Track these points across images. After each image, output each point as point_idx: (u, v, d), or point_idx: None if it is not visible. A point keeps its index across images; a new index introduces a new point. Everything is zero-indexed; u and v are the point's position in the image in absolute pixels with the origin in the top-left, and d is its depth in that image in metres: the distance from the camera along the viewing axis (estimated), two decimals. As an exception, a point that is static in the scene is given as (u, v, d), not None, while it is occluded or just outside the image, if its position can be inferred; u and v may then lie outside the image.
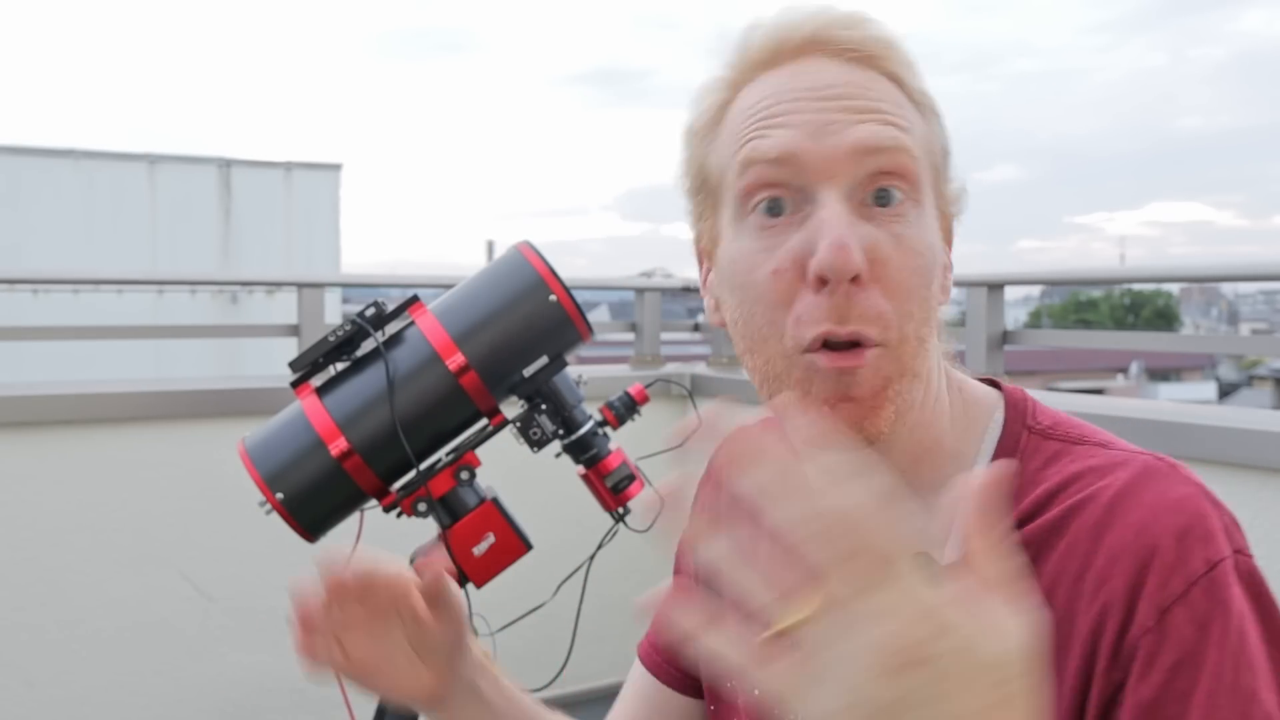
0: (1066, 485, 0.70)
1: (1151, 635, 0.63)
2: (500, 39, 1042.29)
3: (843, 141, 0.69)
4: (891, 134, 0.70)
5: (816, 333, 0.69)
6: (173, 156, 13.22)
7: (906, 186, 0.70)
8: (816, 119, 0.70)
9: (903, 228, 0.70)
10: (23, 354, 7.62)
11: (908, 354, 0.70)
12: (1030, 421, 0.76)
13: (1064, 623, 0.66)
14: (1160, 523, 0.65)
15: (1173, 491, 0.67)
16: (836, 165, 0.69)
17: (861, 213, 0.69)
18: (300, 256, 13.03)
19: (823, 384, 0.70)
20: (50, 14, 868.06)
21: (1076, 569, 0.67)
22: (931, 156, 0.74)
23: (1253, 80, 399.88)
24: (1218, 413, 1.90)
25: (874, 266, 0.68)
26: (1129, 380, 27.02)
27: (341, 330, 1.61)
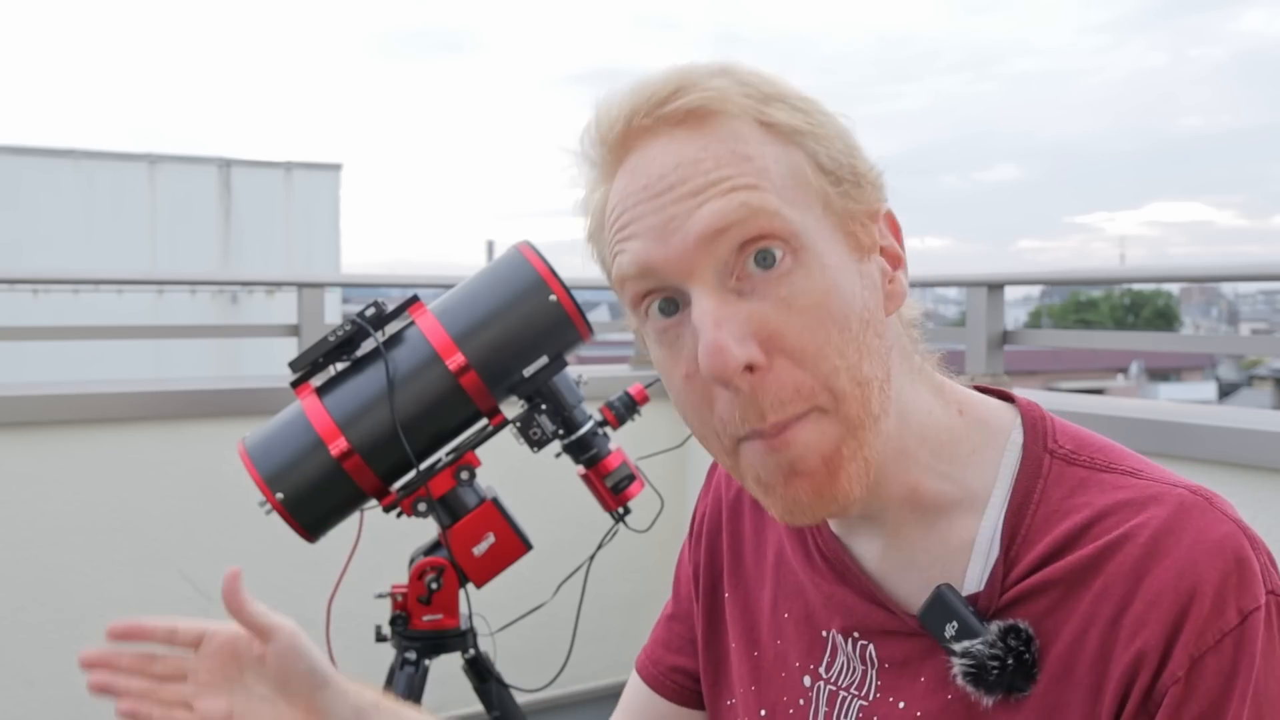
0: (1099, 519, 0.68)
1: (1180, 685, 0.63)
2: (500, 39, 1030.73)
3: (688, 236, 0.65)
4: (737, 203, 0.65)
5: (741, 434, 0.67)
6: (173, 156, 13.22)
7: (779, 241, 0.65)
8: (658, 220, 0.66)
9: (789, 287, 0.65)
10: (23, 354, 7.62)
11: (850, 407, 0.66)
12: (1051, 444, 0.73)
13: (1098, 663, 0.66)
14: (1200, 567, 0.64)
15: (1213, 531, 0.65)
16: (689, 260, 0.66)
17: (743, 288, 0.66)
18: (300, 256, 13.03)
19: (766, 468, 0.68)
20: (50, 14, 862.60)
21: (1112, 612, 0.66)
22: (804, 184, 0.67)
23: (1253, 80, 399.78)
24: (1218, 413, 1.90)
25: (769, 343, 0.65)
26: (1129, 380, 27.02)
27: (341, 330, 1.61)
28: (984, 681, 0.68)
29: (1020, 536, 0.70)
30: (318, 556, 1.76)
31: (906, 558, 0.74)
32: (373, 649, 1.79)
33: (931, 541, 0.73)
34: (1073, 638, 0.67)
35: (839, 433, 0.66)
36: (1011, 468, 0.72)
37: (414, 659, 1.72)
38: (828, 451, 0.66)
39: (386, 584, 1.74)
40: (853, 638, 0.77)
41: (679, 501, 2.90)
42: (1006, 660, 0.67)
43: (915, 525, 0.73)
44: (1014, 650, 0.67)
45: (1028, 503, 0.70)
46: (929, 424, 0.72)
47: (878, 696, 0.75)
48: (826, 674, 0.79)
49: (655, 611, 1.00)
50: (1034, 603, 0.68)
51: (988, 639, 0.68)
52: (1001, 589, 0.70)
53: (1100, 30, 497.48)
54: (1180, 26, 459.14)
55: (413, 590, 1.70)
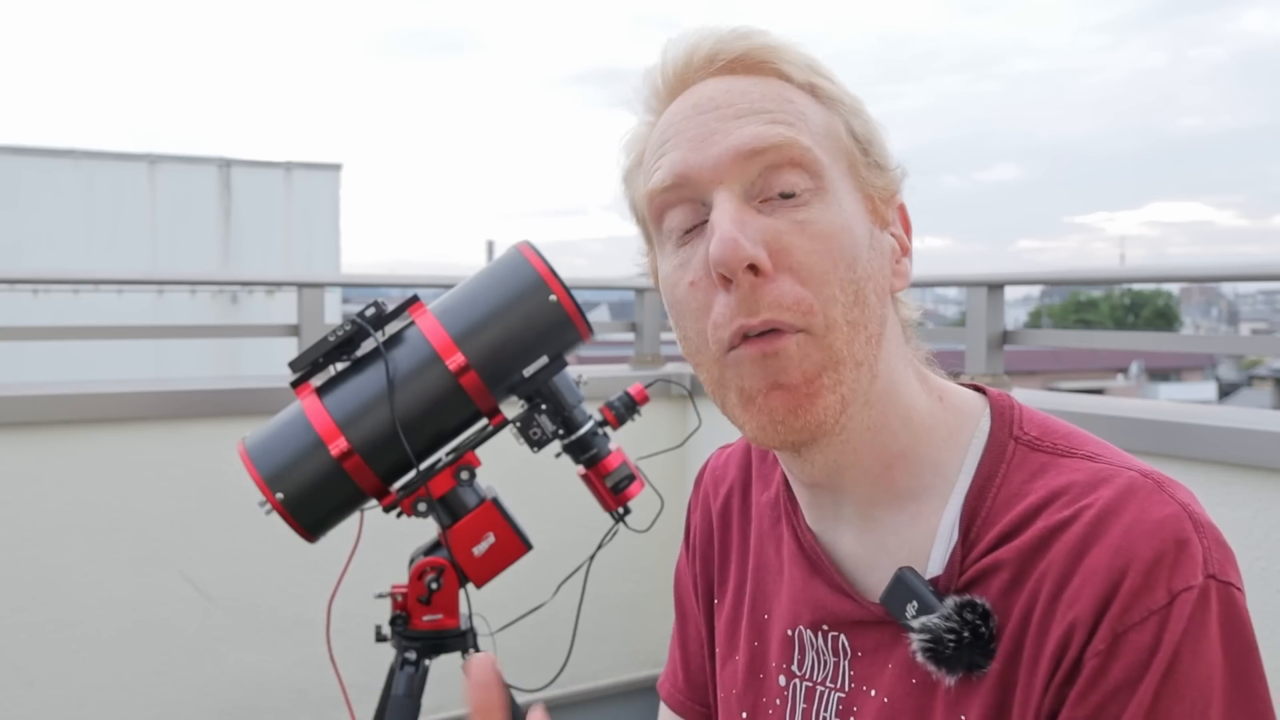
0: (1050, 501, 0.70)
1: (1100, 659, 0.64)
2: (500, 39, 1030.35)
3: (726, 146, 0.70)
4: (774, 130, 0.70)
5: (731, 329, 0.69)
6: (173, 156, 13.21)
7: (806, 176, 0.70)
8: (698, 132, 0.72)
9: (806, 214, 0.69)
10: (23, 354, 7.63)
11: (838, 339, 0.69)
12: (1017, 431, 0.75)
13: (1038, 638, 0.67)
14: (1134, 547, 0.65)
15: (1155, 512, 0.67)
16: (723, 171, 0.70)
17: (764, 208, 0.70)
18: (300, 256, 13.03)
19: (751, 376, 0.70)
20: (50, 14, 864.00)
21: (1053, 589, 0.67)
22: (838, 143, 0.73)
23: (1253, 80, 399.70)
24: (1218, 413, 1.90)
25: (778, 256, 0.68)
26: (1129, 380, 27.01)
27: (341, 330, 1.61)
28: (942, 657, 0.69)
29: (980, 519, 0.72)
30: (318, 556, 1.77)
31: (878, 542, 0.76)
32: (373, 649, 1.79)
33: (901, 524, 0.75)
34: (1021, 616, 0.68)
35: (821, 359, 0.69)
36: (977, 453, 0.75)
37: (414, 659, 1.72)
38: (810, 372, 0.69)
39: (386, 584, 1.74)
40: (822, 630, 0.79)
41: (679, 501, 2.90)
42: (962, 634, 0.69)
43: (886, 507, 0.76)
44: (970, 624, 0.69)
45: (989, 486, 0.73)
46: (913, 406, 0.75)
47: (852, 687, 0.77)
48: (800, 671, 0.80)
49: (655, 611, 1.00)
50: (990, 582, 0.70)
51: (944, 613, 0.69)
52: (960, 570, 0.72)
53: (1100, 30, 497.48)
54: (1180, 26, 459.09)
55: (413, 590, 1.70)
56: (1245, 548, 1.68)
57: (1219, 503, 1.72)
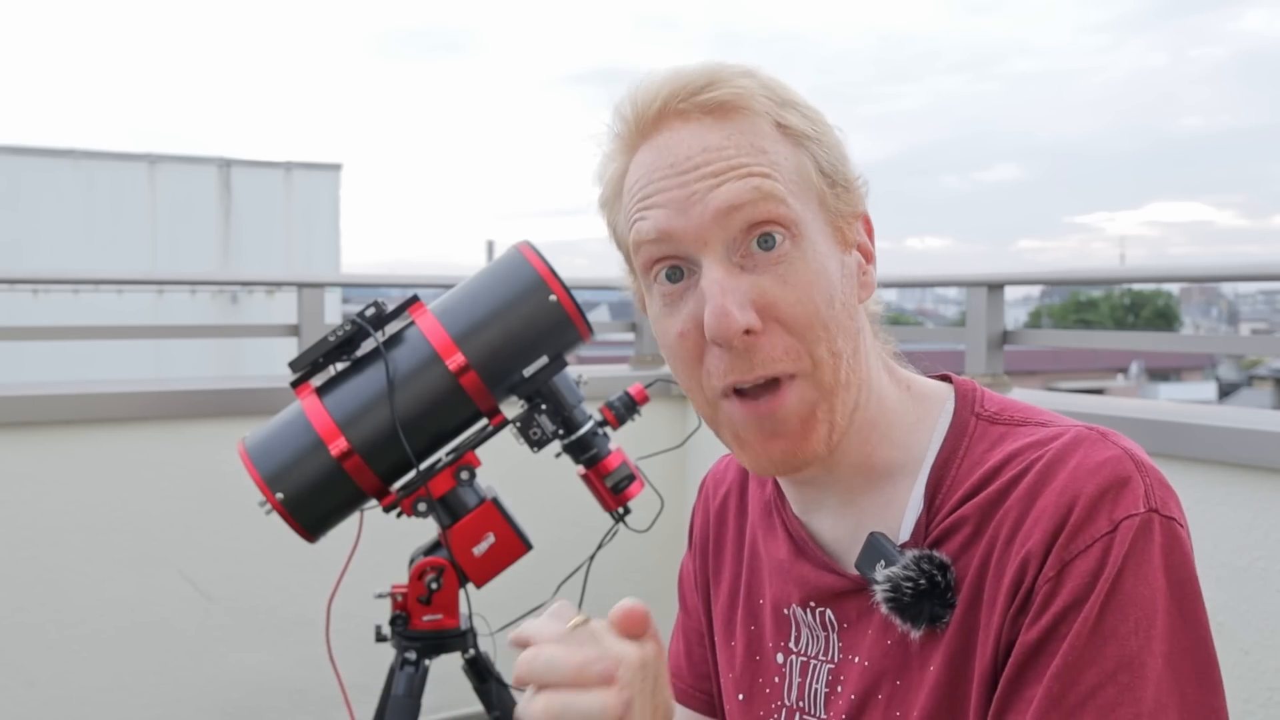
0: (1008, 461, 0.76)
1: (1050, 584, 0.70)
2: (500, 39, 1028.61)
3: (707, 209, 0.75)
4: (750, 187, 0.74)
5: (725, 383, 0.76)
6: (173, 156, 13.21)
7: (781, 228, 0.75)
8: (681, 194, 0.76)
9: (786, 267, 0.75)
10: (23, 354, 7.63)
11: (826, 374, 0.76)
12: (978, 409, 0.82)
13: (995, 579, 0.73)
14: (1080, 483, 0.71)
15: (1098, 454, 0.73)
16: (706, 233, 0.75)
17: (745, 264, 0.75)
18: (300, 256, 13.02)
19: (747, 428, 0.77)
20: (50, 14, 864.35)
21: (1009, 532, 0.73)
22: (807, 181, 0.78)
23: (1253, 80, 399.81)
24: (1218, 413, 1.90)
25: (765, 311, 0.75)
26: (1129, 380, 27.01)
27: (341, 330, 1.61)
28: (902, 605, 0.75)
29: (945, 488, 0.79)
30: (318, 556, 1.76)
31: (856, 521, 0.82)
32: (373, 649, 1.79)
33: (879, 504, 0.82)
34: (980, 562, 0.74)
35: (815, 396, 0.76)
36: (942, 431, 0.82)
37: (414, 659, 1.72)
38: (805, 415, 0.76)
39: (386, 584, 1.74)
40: (810, 606, 0.85)
41: (679, 501, 2.90)
42: (919, 582, 0.74)
43: (865, 489, 0.82)
44: (926, 573, 0.74)
45: (952, 458, 0.80)
46: (884, 398, 0.82)
47: (841, 658, 0.82)
48: (797, 647, 0.86)
49: (656, 611, 1.00)
50: (952, 540, 0.77)
51: (903, 563, 0.76)
52: (926, 533, 0.78)
53: (1100, 30, 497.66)
54: (1180, 26, 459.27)
55: (413, 590, 1.70)
56: (1245, 548, 1.68)
57: (1219, 503, 1.72)
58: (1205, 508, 1.73)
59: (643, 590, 2.79)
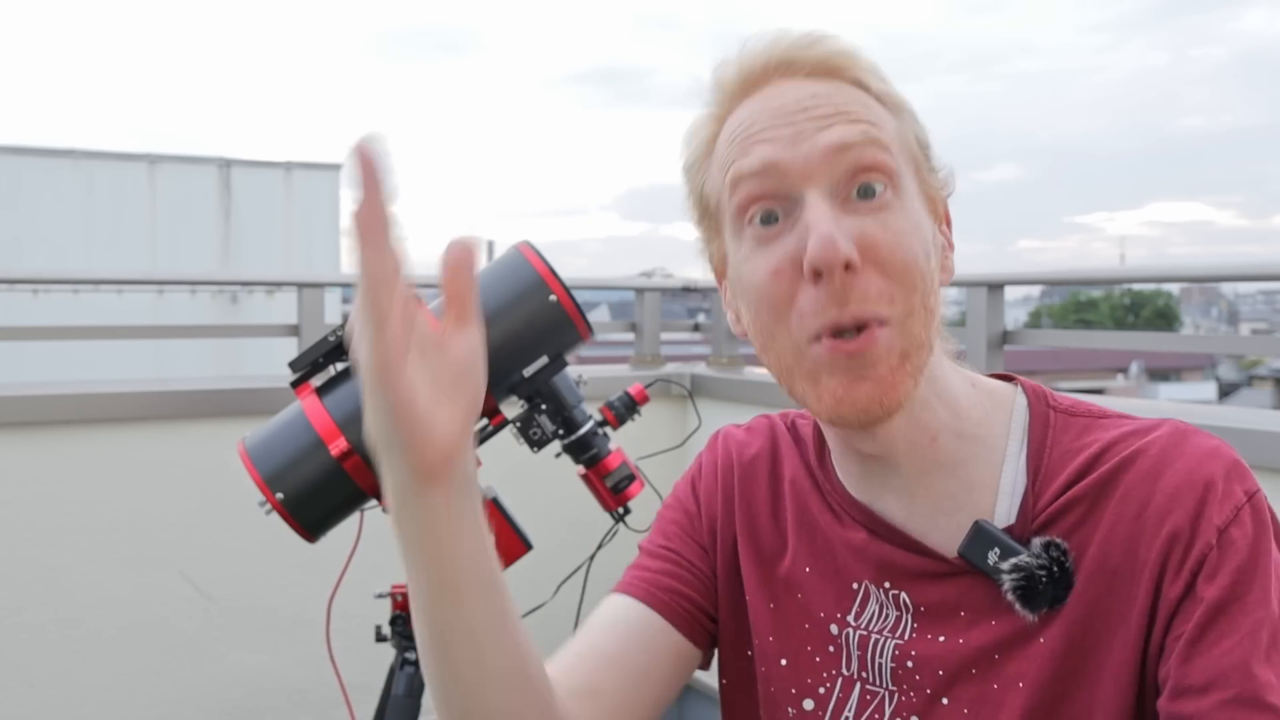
0: (1110, 446, 0.79)
1: (1215, 551, 0.73)
2: (500, 39, 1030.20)
3: (816, 145, 0.76)
4: (860, 131, 0.76)
5: (821, 323, 0.75)
6: (173, 156, 13.20)
7: (885, 178, 0.76)
8: (789, 131, 0.77)
9: (888, 214, 0.76)
10: (23, 354, 7.62)
11: (918, 325, 0.76)
12: (1053, 403, 0.84)
13: (1129, 554, 0.75)
14: (1208, 464, 0.75)
15: (1208, 442, 0.78)
16: (814, 168, 0.75)
17: (846, 208, 0.76)
18: (300, 256, 13.02)
19: (837, 369, 0.75)
20: (50, 14, 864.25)
21: (1135, 510, 0.76)
22: (907, 148, 0.80)
23: (1254, 80, 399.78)
24: (1218, 413, 1.90)
25: (866, 251, 0.74)
26: (1129, 380, 27.01)
27: (342, 330, 1.61)
28: (1033, 594, 0.76)
29: (1041, 473, 0.80)
30: (318, 556, 1.76)
31: (932, 505, 0.82)
32: (373, 649, 1.79)
33: (954, 488, 0.82)
34: (1103, 539, 0.76)
35: (904, 346, 0.76)
36: (1022, 421, 0.83)
37: (414, 659, 1.72)
38: (895, 361, 0.75)
39: (386, 584, 1.74)
40: (884, 587, 0.84)
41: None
42: (1052, 569, 0.76)
43: (936, 474, 0.82)
44: (1057, 560, 0.76)
45: (1042, 446, 0.81)
46: (949, 387, 0.82)
47: (913, 636, 0.82)
48: (855, 621, 0.85)
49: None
50: (1063, 521, 0.78)
51: (1033, 552, 0.77)
52: (1032, 517, 0.79)
53: (1101, 30, 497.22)
54: (1181, 26, 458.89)
55: (413, 590, 1.70)
56: (1245, 548, 1.68)
57: (1219, 503, 1.72)
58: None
59: (643, 590, 2.79)
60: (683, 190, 0.86)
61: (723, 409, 2.87)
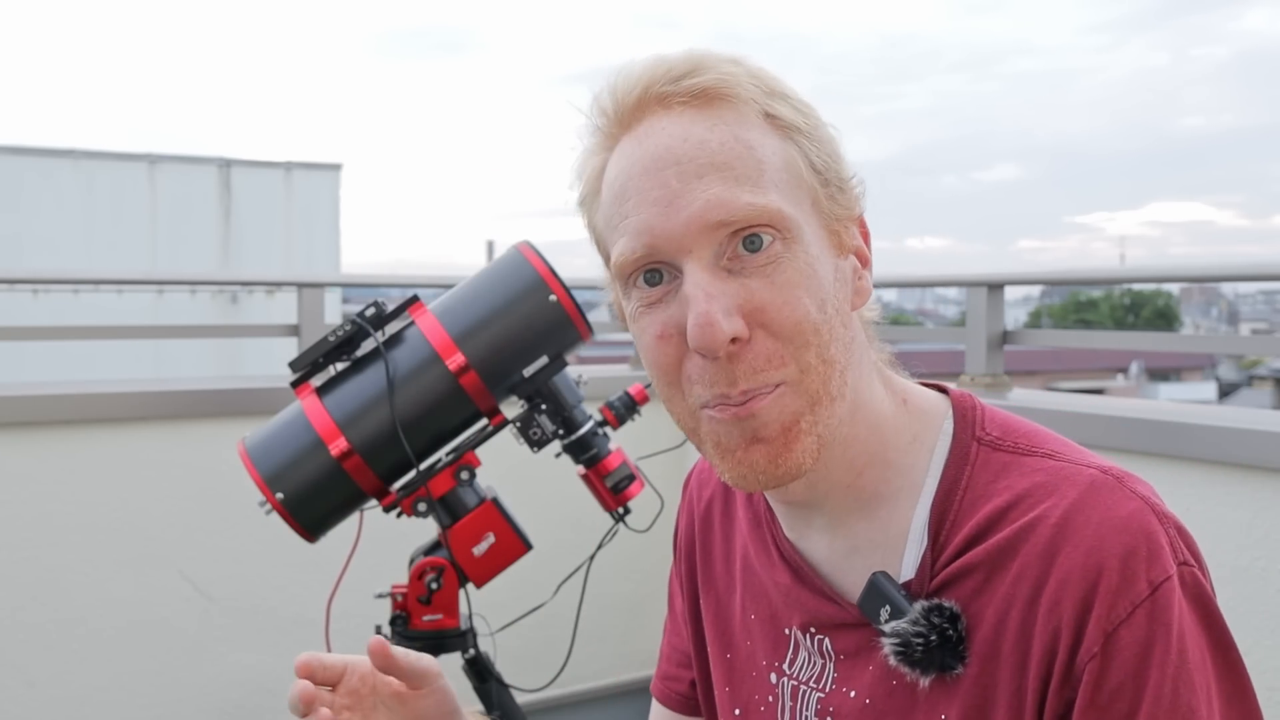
0: (1016, 504, 0.72)
1: (1097, 660, 0.66)
2: (500, 39, 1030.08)
3: (691, 213, 0.70)
4: (735, 192, 0.70)
5: (711, 394, 0.72)
6: (173, 156, 13.21)
7: (770, 229, 0.70)
8: (662, 194, 0.71)
9: (774, 268, 0.70)
10: (23, 354, 7.62)
11: (814, 381, 0.71)
12: (979, 432, 0.77)
13: (1020, 643, 0.69)
14: (1106, 545, 0.67)
15: (1119, 509, 0.69)
16: (690, 239, 0.70)
17: (732, 266, 0.70)
18: (300, 256, 13.02)
19: (728, 434, 0.72)
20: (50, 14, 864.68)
21: (1029, 592, 0.69)
22: (798, 179, 0.73)
23: (1254, 80, 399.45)
24: (1218, 413, 1.90)
25: (752, 315, 0.70)
26: (1129, 380, 27.00)
27: (341, 330, 1.61)
28: (913, 659, 0.72)
29: (948, 523, 0.74)
30: (318, 556, 1.76)
31: (850, 546, 0.78)
32: (373, 649, 1.79)
33: (874, 530, 0.78)
34: (996, 619, 0.71)
35: (800, 406, 0.71)
36: (942, 456, 0.77)
37: (414, 659, 1.72)
38: (787, 422, 0.71)
39: (386, 584, 1.74)
40: (810, 632, 0.81)
41: (678, 501, 2.89)
42: (930, 637, 0.71)
43: (858, 514, 0.78)
44: (938, 627, 0.71)
45: (955, 489, 0.75)
46: (878, 413, 0.77)
47: (833, 688, 0.79)
48: (790, 669, 0.83)
49: (655, 611, 1.01)
50: (960, 586, 0.73)
51: (912, 617, 0.72)
52: (931, 574, 0.74)
53: (1101, 30, 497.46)
54: (1182, 26, 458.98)
55: (413, 590, 1.70)
56: (1245, 547, 1.68)
57: (1219, 503, 1.72)
58: (1205, 508, 1.73)
59: (642, 590, 2.79)
60: (581, 222, 0.81)
61: (723, 409, 2.86)
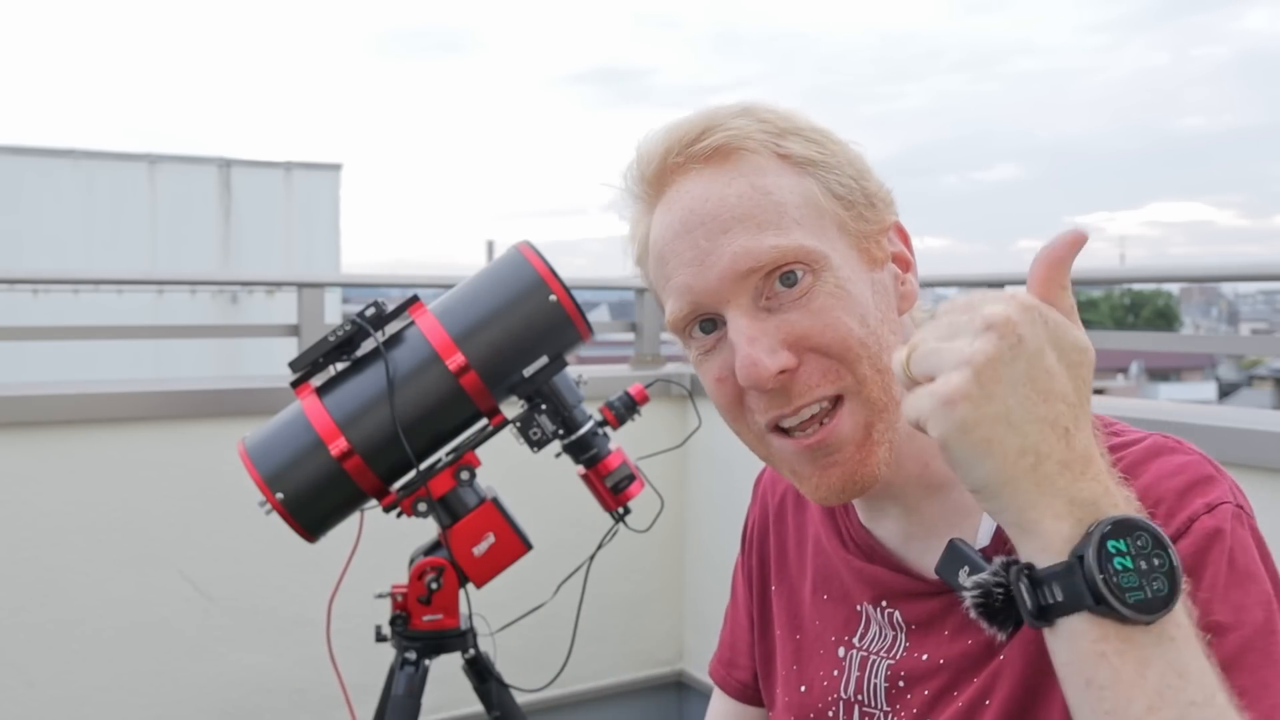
0: None
1: None
2: (500, 39, 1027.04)
3: (721, 270, 0.77)
4: (759, 239, 0.76)
5: (768, 419, 0.78)
6: (173, 156, 13.21)
7: (799, 264, 0.77)
8: (694, 254, 0.78)
9: (810, 299, 0.77)
10: (23, 354, 7.62)
11: (873, 390, 0.77)
12: None
13: None
14: (1164, 484, 0.72)
15: (1177, 459, 0.74)
16: (726, 290, 0.77)
17: (771, 305, 0.77)
18: (300, 256, 13.02)
19: (800, 462, 0.79)
20: (50, 14, 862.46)
21: None
22: (823, 212, 0.79)
23: (1255, 80, 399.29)
24: (1218, 413, 1.90)
25: (798, 343, 0.76)
26: (1129, 380, 27.00)
27: (341, 330, 1.61)
28: (993, 611, 0.73)
29: None
30: (318, 556, 1.76)
31: (927, 530, 0.83)
32: (373, 649, 1.79)
33: (947, 511, 0.82)
34: None
35: (868, 416, 0.77)
36: None
37: (414, 659, 1.72)
38: (860, 437, 0.77)
39: (386, 584, 1.74)
40: (881, 606, 0.87)
41: (679, 501, 2.89)
42: (1009, 588, 0.72)
43: (930, 500, 0.83)
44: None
45: None
46: None
47: (904, 655, 0.84)
48: (860, 643, 0.88)
49: (655, 611, 1.02)
50: None
51: (993, 569, 0.73)
52: (1005, 539, 0.75)
53: (1101, 30, 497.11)
54: (1182, 25, 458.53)
55: (413, 590, 1.70)
56: (1245, 548, 1.68)
57: (1219, 503, 1.72)
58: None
59: (643, 590, 2.79)
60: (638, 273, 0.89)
61: (723, 409, 2.86)
